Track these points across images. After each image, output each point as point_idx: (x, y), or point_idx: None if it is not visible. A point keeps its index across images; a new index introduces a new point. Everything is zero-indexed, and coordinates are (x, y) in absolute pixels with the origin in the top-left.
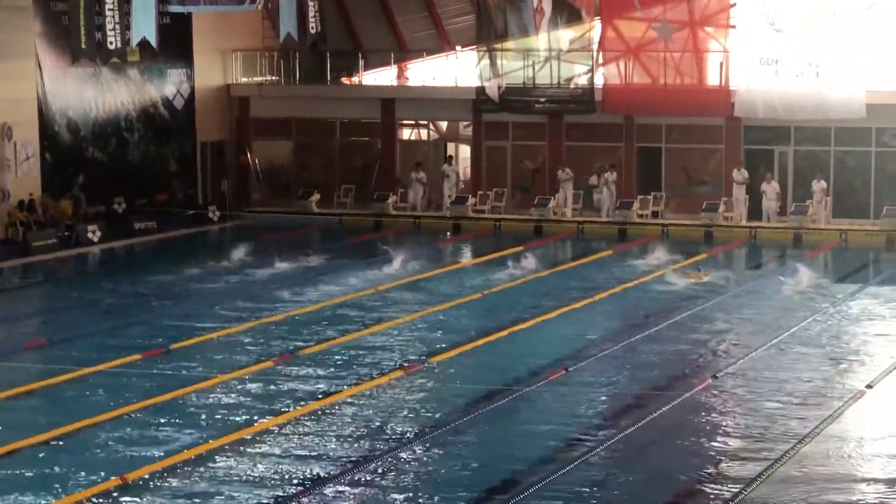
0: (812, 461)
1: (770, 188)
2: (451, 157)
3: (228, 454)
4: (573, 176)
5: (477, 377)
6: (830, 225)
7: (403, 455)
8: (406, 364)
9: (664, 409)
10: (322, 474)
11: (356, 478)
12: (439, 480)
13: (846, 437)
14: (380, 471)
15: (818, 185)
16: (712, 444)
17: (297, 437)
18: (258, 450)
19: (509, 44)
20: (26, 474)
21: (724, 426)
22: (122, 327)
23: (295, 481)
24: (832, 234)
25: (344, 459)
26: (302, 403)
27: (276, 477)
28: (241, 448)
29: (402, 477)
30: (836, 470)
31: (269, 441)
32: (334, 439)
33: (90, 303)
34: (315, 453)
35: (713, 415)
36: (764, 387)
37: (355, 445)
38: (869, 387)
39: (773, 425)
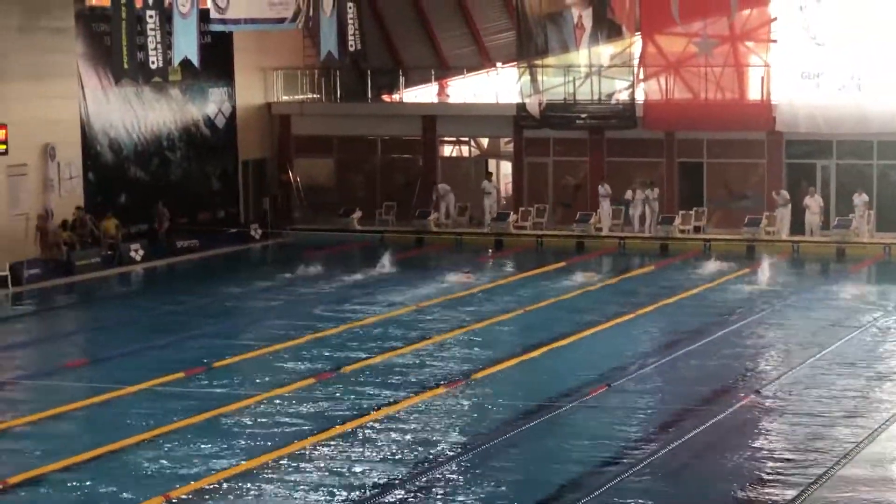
0: (855, 478)
1: (814, 202)
2: (490, 173)
3: (271, 472)
4: (611, 193)
5: (519, 393)
6: (874, 239)
7: (446, 472)
8: (448, 381)
9: (707, 424)
10: (364, 492)
11: (399, 495)
12: (482, 497)
13: (890, 454)
14: (422, 488)
15: (860, 199)
16: (755, 460)
17: (338, 455)
18: (301, 467)
19: (550, 60)
20: (71, 494)
21: (768, 442)
22: (165, 345)
23: (337, 499)
24: (876, 247)
25: (386, 477)
26: (343, 421)
27: (320, 495)
28: (284, 466)
29: (445, 493)
30: (879, 487)
31: (312, 459)
32: (376, 457)
33: (133, 321)
34: (356, 471)
35: (756, 430)
36: (807, 402)
37: (398, 463)
38: None
39: (817, 441)
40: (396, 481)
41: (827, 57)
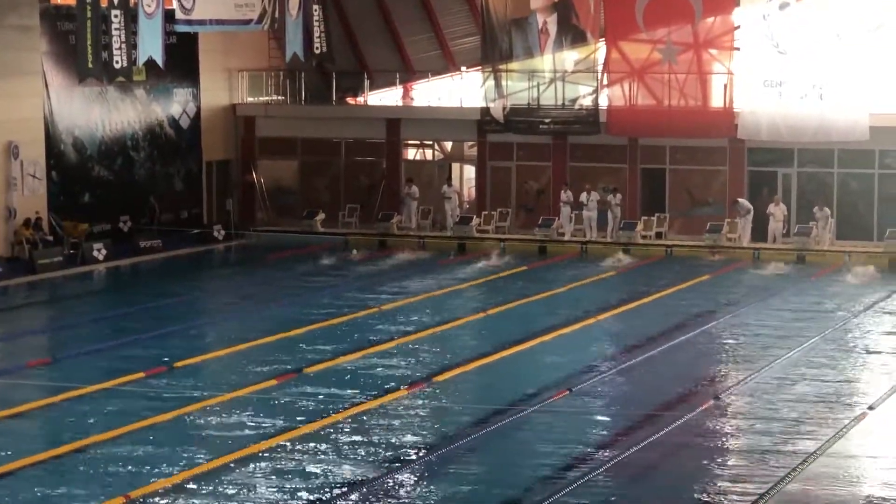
0: (814, 483)
1: (778, 210)
2: (449, 177)
3: (231, 473)
4: (573, 200)
5: (480, 397)
6: (834, 247)
7: (405, 475)
8: (409, 383)
9: (667, 429)
10: (324, 494)
11: (358, 498)
12: (443, 499)
13: (848, 459)
14: (382, 491)
15: (821, 213)
16: (715, 464)
17: (299, 456)
18: (262, 469)
19: (514, 65)
20: (30, 493)
21: (727, 447)
22: (127, 345)
23: (298, 501)
24: (836, 255)
25: (346, 479)
26: (304, 423)
27: (280, 497)
28: (245, 467)
29: (406, 496)
30: (837, 491)
31: (273, 460)
32: (336, 459)
33: (95, 321)
34: (317, 473)
35: (716, 436)
36: (766, 407)
37: (359, 465)
38: (871, 408)
39: (776, 446)
40: (357, 483)
41: (789, 65)
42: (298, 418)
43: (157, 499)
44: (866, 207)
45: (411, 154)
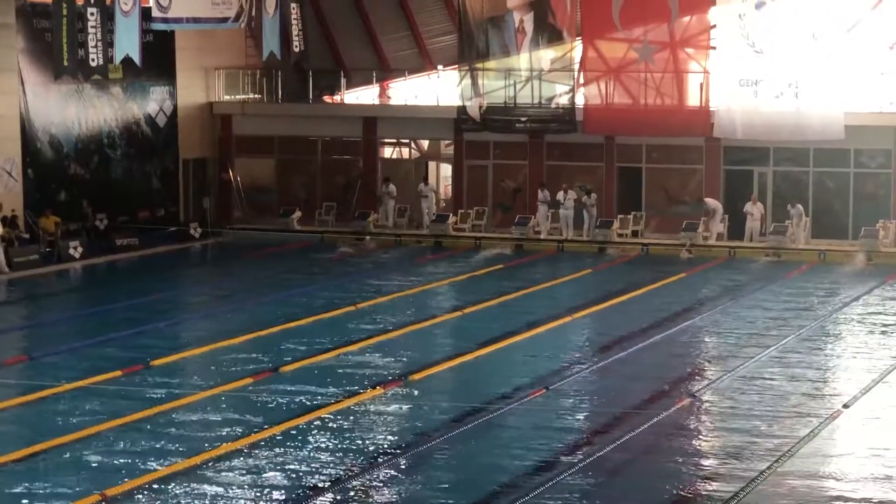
0: (788, 481)
1: (756, 209)
2: (426, 176)
3: (206, 472)
4: (549, 199)
5: (456, 395)
6: (809, 245)
7: (380, 474)
8: (385, 382)
9: (643, 427)
10: (299, 493)
11: (334, 496)
12: (418, 498)
13: (822, 458)
14: (357, 489)
15: (795, 210)
16: (690, 463)
17: (274, 455)
18: (236, 468)
19: (491, 63)
20: (6, 491)
21: (702, 445)
22: (103, 343)
23: (272, 500)
24: (811, 254)
25: (322, 477)
26: (280, 421)
27: (254, 495)
28: (219, 466)
29: (381, 495)
30: (811, 490)
31: (249, 459)
32: (312, 458)
33: (71, 319)
34: (293, 472)
35: (691, 434)
36: (742, 406)
37: (333, 464)
38: (846, 406)
39: (751, 445)
40: (332, 482)
41: (765, 64)
42: (274, 416)
43: (133, 497)
44: (842, 206)
45: (388, 152)
